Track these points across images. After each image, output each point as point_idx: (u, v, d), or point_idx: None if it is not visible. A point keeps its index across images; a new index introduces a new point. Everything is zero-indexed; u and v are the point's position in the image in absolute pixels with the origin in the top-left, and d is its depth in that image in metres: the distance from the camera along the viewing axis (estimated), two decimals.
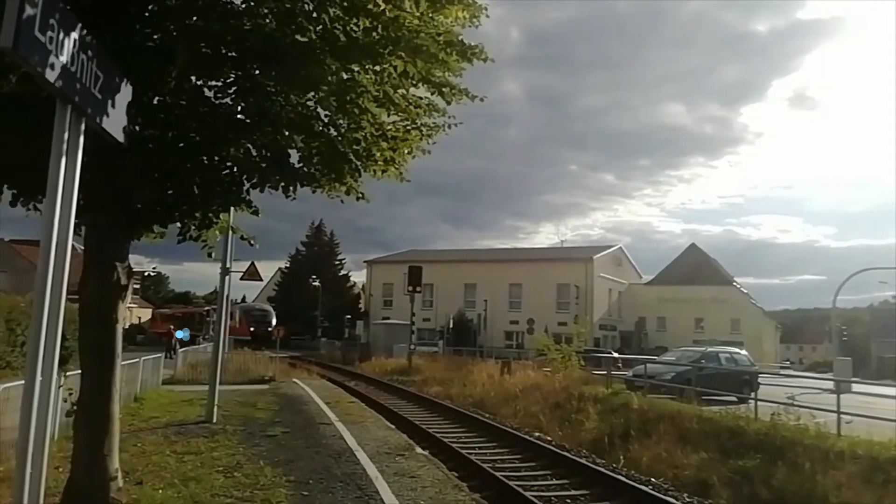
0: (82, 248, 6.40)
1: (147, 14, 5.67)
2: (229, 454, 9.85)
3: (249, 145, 6.22)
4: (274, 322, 56.98)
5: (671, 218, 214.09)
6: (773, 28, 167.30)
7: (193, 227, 6.75)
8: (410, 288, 39.10)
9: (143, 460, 9.01)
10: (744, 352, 26.46)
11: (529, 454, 13.52)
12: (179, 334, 39.89)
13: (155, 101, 5.90)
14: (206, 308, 58.12)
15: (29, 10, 3.37)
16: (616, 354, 41.35)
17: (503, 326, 62.48)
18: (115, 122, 4.71)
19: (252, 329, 54.12)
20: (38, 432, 3.90)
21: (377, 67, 5.96)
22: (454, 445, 13.71)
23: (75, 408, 6.17)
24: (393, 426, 13.83)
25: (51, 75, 3.73)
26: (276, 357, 25.26)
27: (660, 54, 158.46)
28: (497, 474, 10.90)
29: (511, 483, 10.26)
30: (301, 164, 6.63)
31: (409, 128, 6.78)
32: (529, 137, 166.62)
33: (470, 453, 12.93)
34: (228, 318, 40.76)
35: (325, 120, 6.42)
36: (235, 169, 6.46)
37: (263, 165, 6.40)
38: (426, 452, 11.10)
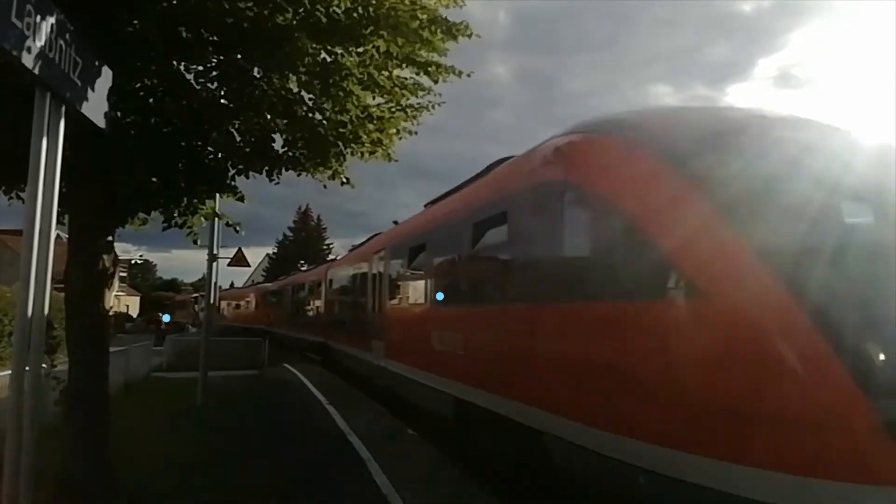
0: (67, 236, 6.35)
1: None
2: (221, 440, 9.85)
3: (233, 130, 6.17)
4: None
5: None
6: (759, 6, 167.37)
7: (178, 214, 6.72)
8: None
9: (135, 447, 8.98)
10: None
11: None
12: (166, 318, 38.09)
13: (136, 87, 5.83)
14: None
15: None
16: None
17: None
18: (96, 109, 4.65)
19: None
20: (28, 422, 3.89)
21: (360, 49, 5.91)
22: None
23: (65, 397, 6.16)
24: (384, 409, 13.85)
25: (28, 61, 3.68)
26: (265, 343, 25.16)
27: (647, 34, 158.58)
28: None
29: None
30: (286, 149, 6.60)
31: (394, 109, 6.75)
32: (518, 120, 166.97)
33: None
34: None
35: (310, 104, 6.37)
36: (219, 154, 6.41)
37: (247, 150, 6.36)
38: (417, 434, 11.14)
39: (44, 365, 4.62)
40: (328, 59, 5.83)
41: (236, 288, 62.50)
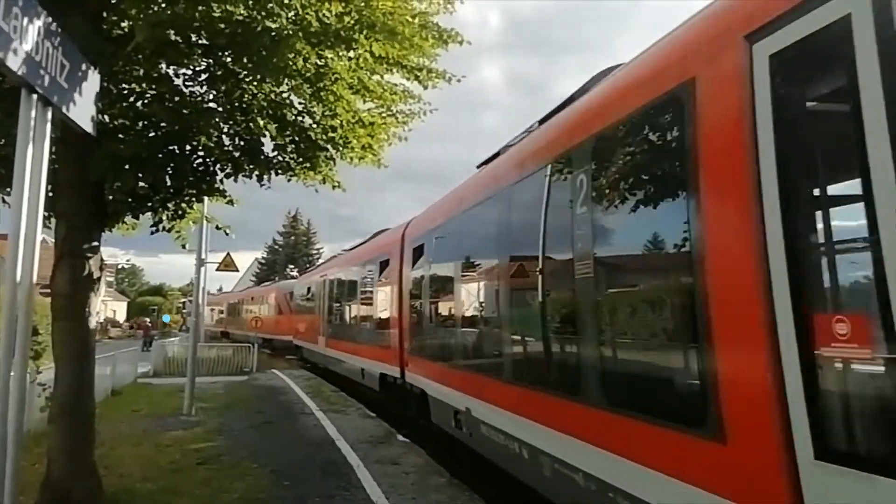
0: (53, 240, 6.30)
1: (112, 0, 5.56)
2: (209, 446, 9.78)
3: (221, 134, 6.14)
4: None
5: None
6: None
7: (166, 218, 6.68)
8: None
9: (122, 452, 8.92)
10: None
11: None
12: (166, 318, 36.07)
13: (124, 90, 5.80)
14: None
15: None
16: None
17: None
18: (83, 112, 4.62)
19: None
20: (13, 428, 3.84)
21: (351, 54, 5.92)
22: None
23: (50, 403, 6.10)
24: (373, 414, 13.80)
25: (14, 63, 3.64)
26: (255, 349, 24.77)
27: (637, 37, 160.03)
28: None
29: None
30: (275, 153, 6.58)
31: (384, 115, 6.76)
32: (508, 124, 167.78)
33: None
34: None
35: (300, 108, 6.37)
36: (208, 158, 6.38)
37: (236, 154, 6.34)
38: (406, 439, 11.11)
39: (29, 371, 4.61)
40: (319, 63, 5.82)
41: (256, 287, 48.97)
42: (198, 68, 5.95)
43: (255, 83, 5.89)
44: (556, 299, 5.58)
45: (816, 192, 3.17)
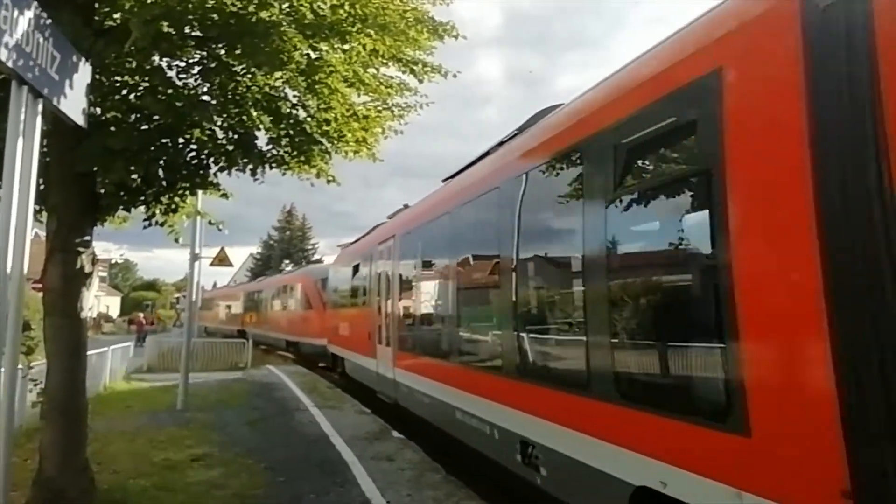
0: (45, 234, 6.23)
1: None
2: (203, 442, 9.73)
3: (215, 127, 6.07)
4: None
5: None
6: None
7: (159, 212, 6.61)
8: None
9: (115, 449, 8.87)
10: None
11: None
12: None
13: (116, 82, 5.73)
14: None
15: None
16: None
17: None
18: (74, 104, 4.56)
19: None
20: (4, 424, 3.80)
21: (346, 46, 5.87)
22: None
23: (42, 399, 6.05)
24: (368, 410, 13.78)
25: (4, 55, 3.59)
26: (249, 344, 24.59)
27: (638, 32, 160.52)
28: None
29: None
30: (270, 147, 6.52)
31: (380, 108, 6.72)
32: (508, 119, 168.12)
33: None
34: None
35: (294, 101, 6.32)
36: (201, 151, 6.31)
37: (230, 147, 6.27)
38: (402, 436, 11.10)
39: (20, 366, 4.56)
40: (313, 56, 5.76)
41: (286, 274, 38.01)
42: (191, 60, 5.88)
43: (248, 75, 5.83)
44: None
45: None
